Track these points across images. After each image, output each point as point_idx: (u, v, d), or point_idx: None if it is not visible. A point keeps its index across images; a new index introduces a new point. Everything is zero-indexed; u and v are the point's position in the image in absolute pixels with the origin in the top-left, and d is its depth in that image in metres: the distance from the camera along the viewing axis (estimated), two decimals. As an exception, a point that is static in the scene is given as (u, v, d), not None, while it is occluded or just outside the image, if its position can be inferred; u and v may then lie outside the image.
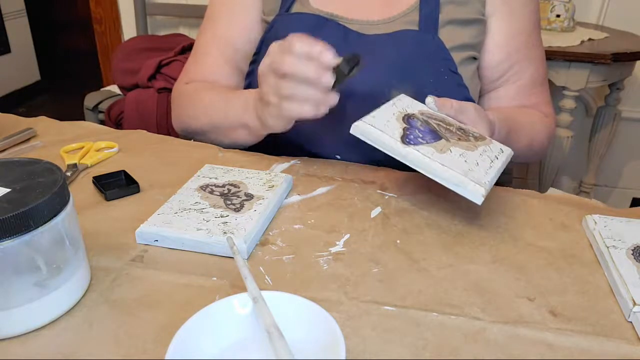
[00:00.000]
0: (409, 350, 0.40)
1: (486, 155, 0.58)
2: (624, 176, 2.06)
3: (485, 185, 0.52)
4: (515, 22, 0.76)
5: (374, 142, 0.56)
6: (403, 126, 0.58)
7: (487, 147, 0.60)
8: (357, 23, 0.75)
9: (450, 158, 0.55)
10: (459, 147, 0.57)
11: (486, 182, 0.53)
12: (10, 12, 3.12)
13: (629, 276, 0.47)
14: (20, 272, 0.39)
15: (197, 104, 0.78)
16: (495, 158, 0.58)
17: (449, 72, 0.72)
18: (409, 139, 0.56)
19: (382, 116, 0.59)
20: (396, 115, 0.60)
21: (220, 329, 0.38)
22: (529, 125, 0.77)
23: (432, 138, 0.57)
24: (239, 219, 0.53)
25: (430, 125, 0.60)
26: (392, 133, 0.56)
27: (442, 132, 0.59)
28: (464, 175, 0.53)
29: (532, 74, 0.78)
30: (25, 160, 0.45)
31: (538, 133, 0.78)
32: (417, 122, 0.59)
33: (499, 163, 0.58)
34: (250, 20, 0.81)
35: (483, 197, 0.52)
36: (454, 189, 0.53)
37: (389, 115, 0.59)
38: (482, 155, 0.57)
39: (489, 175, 0.55)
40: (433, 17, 0.73)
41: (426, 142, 0.56)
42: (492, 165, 0.56)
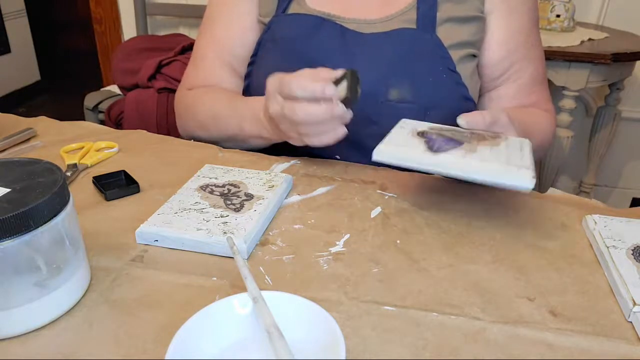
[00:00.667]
0: (409, 350, 0.40)
1: (512, 147, 0.56)
2: (624, 176, 2.06)
3: (530, 167, 0.50)
4: (514, 20, 0.76)
5: (402, 160, 0.54)
6: (422, 140, 0.57)
7: (509, 141, 0.58)
8: (355, 22, 0.75)
9: (482, 155, 0.53)
10: (484, 146, 0.56)
11: (528, 165, 0.51)
12: (10, 12, 3.12)
13: (629, 276, 0.47)
14: (20, 272, 0.39)
15: (203, 114, 0.78)
16: (521, 147, 0.57)
17: (448, 71, 0.72)
18: (436, 148, 0.54)
19: (397, 137, 0.58)
20: (410, 133, 0.59)
21: (220, 329, 0.38)
22: (538, 126, 0.77)
23: (455, 144, 0.56)
24: (239, 219, 0.53)
25: (445, 135, 0.58)
26: (416, 147, 0.55)
27: (461, 138, 0.58)
28: (507, 164, 0.50)
29: (532, 73, 0.78)
30: (25, 160, 0.45)
31: (546, 133, 0.78)
32: (432, 135, 0.59)
33: (527, 150, 0.56)
34: (247, 22, 0.81)
35: (533, 179, 0.49)
36: (499, 183, 0.50)
37: (404, 136, 0.58)
38: (508, 148, 0.56)
39: (526, 159, 0.52)
40: (430, 15, 0.73)
41: (452, 147, 0.54)
42: (523, 153, 0.55)
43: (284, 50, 0.75)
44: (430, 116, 0.72)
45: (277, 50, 0.76)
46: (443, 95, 0.72)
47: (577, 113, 1.73)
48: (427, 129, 0.61)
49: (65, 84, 3.62)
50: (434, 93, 0.72)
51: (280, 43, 0.76)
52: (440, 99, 0.72)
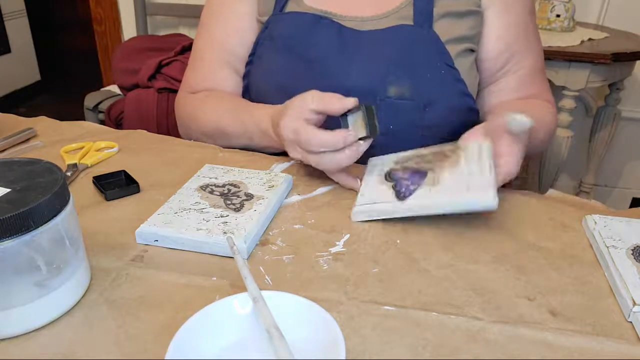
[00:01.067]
0: (409, 350, 0.40)
1: (471, 161, 0.58)
2: (624, 176, 2.06)
3: (490, 185, 0.53)
4: (512, 12, 0.76)
5: (378, 216, 0.57)
6: (390, 184, 0.59)
7: (467, 152, 0.60)
8: (352, 20, 0.75)
9: (445, 185, 0.56)
10: (446, 171, 0.58)
11: (488, 183, 0.53)
12: (10, 12, 3.12)
13: (629, 276, 0.47)
14: (20, 272, 0.39)
15: (208, 126, 0.78)
16: (479, 156, 0.58)
17: (446, 67, 0.72)
18: (403, 193, 0.57)
19: (369, 190, 0.60)
20: (379, 179, 0.61)
21: (220, 329, 0.38)
22: (541, 118, 0.77)
23: (420, 178, 0.58)
24: (239, 219, 0.53)
25: (410, 168, 0.61)
26: (386, 198, 0.57)
27: (424, 167, 0.60)
28: (468, 191, 0.53)
29: (531, 64, 0.78)
30: (25, 160, 0.45)
31: (549, 124, 0.78)
32: (398, 173, 0.61)
33: (486, 158, 0.57)
34: (245, 22, 0.81)
35: (495, 199, 0.52)
36: (470, 210, 0.54)
37: (373, 184, 0.61)
38: (469, 164, 0.57)
39: (486, 175, 0.55)
40: (427, 11, 0.73)
41: (418, 186, 0.57)
42: (482, 165, 0.56)
43: (282, 49, 0.75)
44: (428, 112, 0.72)
45: (275, 49, 0.76)
46: (441, 91, 0.72)
47: (577, 113, 1.73)
48: (393, 165, 0.63)
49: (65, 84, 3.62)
50: (433, 89, 0.72)
51: (278, 42, 0.76)
52: (438, 95, 0.72)
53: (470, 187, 0.54)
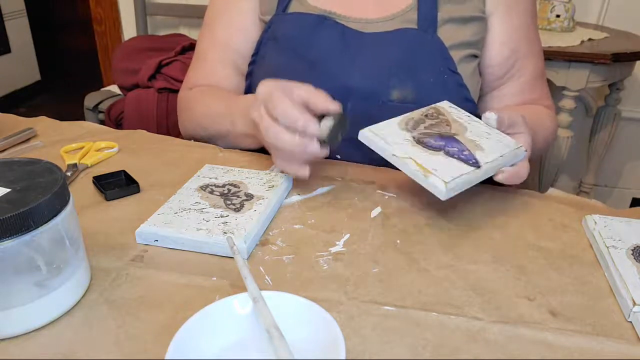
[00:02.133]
0: (409, 350, 0.40)
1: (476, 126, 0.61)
2: (624, 176, 2.06)
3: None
4: (515, 18, 0.76)
5: (463, 188, 0.54)
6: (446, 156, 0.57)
7: (458, 117, 0.63)
8: (356, 21, 0.75)
9: (488, 147, 0.58)
10: (467, 133, 0.60)
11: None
12: (10, 12, 3.12)
13: (629, 276, 0.47)
14: (20, 272, 0.39)
15: (200, 113, 0.78)
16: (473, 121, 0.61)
17: (449, 72, 0.72)
18: (469, 159, 0.56)
19: (435, 164, 0.56)
20: (428, 151, 0.57)
21: (220, 329, 0.38)
22: (542, 123, 0.77)
23: (457, 142, 0.58)
24: (239, 219, 0.53)
25: (435, 135, 0.59)
26: (462, 169, 0.55)
27: (445, 132, 0.60)
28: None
29: (533, 69, 0.79)
30: (25, 160, 0.45)
31: (549, 129, 0.78)
32: (430, 141, 0.58)
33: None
34: (248, 21, 0.81)
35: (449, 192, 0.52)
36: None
37: (429, 157, 0.57)
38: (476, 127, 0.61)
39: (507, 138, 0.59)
40: (431, 15, 0.73)
41: (468, 150, 0.57)
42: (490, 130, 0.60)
43: (284, 49, 0.75)
44: None
45: (277, 49, 0.76)
46: (444, 96, 0.72)
47: (577, 113, 1.73)
48: (408, 136, 0.59)
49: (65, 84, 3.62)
50: (435, 94, 0.72)
51: (281, 42, 0.76)
52: (440, 100, 0.72)
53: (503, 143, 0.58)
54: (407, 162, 0.54)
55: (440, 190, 0.52)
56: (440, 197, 0.52)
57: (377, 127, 0.59)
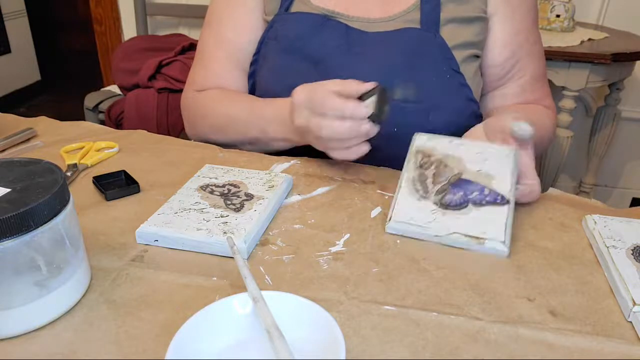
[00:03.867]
0: (409, 350, 0.40)
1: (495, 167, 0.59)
2: (624, 176, 2.06)
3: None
4: (517, 20, 0.76)
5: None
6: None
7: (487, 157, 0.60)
8: (359, 21, 0.75)
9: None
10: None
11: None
12: (10, 12, 3.12)
13: (629, 276, 0.47)
14: (20, 272, 0.39)
15: (220, 118, 0.78)
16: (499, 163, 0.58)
17: (452, 71, 0.72)
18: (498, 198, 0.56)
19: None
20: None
21: (220, 329, 0.38)
22: (541, 122, 0.77)
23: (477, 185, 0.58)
24: (239, 219, 0.53)
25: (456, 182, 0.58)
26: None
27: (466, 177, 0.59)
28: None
29: (534, 70, 0.79)
30: (25, 160, 0.45)
31: (548, 129, 0.79)
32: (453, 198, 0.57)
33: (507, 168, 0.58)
34: (253, 20, 0.80)
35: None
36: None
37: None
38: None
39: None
40: (434, 15, 0.73)
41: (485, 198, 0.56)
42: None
43: (287, 48, 0.75)
44: (433, 116, 0.72)
45: (279, 48, 0.76)
46: (447, 96, 0.72)
47: (577, 113, 1.73)
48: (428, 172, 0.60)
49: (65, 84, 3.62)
50: (438, 94, 0.72)
51: (284, 41, 0.76)
52: (444, 100, 0.72)
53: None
54: (454, 238, 0.53)
55: (503, 251, 0.52)
56: (503, 255, 0.52)
57: (397, 213, 0.56)
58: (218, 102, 0.79)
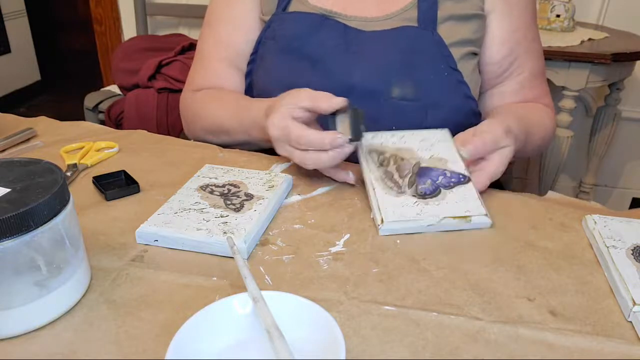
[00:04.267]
0: (409, 350, 0.40)
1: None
2: (624, 176, 2.06)
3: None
4: (515, 17, 0.76)
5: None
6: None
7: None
8: (356, 20, 0.75)
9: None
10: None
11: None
12: (10, 12, 3.12)
13: (629, 276, 0.47)
14: (20, 272, 0.39)
15: (211, 122, 0.78)
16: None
17: (449, 69, 0.72)
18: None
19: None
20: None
21: (220, 329, 0.38)
22: (540, 121, 0.77)
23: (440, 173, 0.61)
24: (239, 219, 0.53)
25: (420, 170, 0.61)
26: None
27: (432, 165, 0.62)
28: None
29: (532, 67, 0.79)
30: (25, 160, 0.45)
31: (547, 127, 0.79)
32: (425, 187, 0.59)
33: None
34: (250, 21, 0.81)
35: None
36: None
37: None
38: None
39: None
40: (431, 13, 0.73)
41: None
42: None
43: (284, 48, 0.75)
44: (432, 114, 0.72)
45: (277, 48, 0.76)
46: (445, 94, 0.72)
47: (577, 113, 1.73)
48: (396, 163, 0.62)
49: (65, 84, 3.62)
50: (436, 91, 0.72)
51: (281, 41, 0.76)
52: (441, 98, 0.72)
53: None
54: (445, 222, 0.55)
55: (487, 223, 0.56)
56: (487, 226, 0.56)
57: (386, 214, 0.55)
58: (208, 103, 0.80)
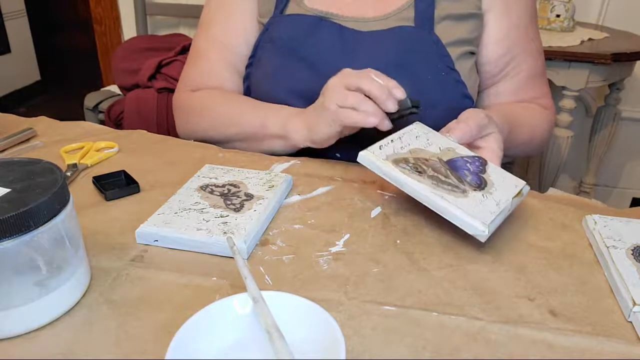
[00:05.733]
0: (409, 350, 0.40)
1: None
2: (624, 176, 2.06)
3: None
4: (513, 16, 0.76)
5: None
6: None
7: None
8: (353, 21, 0.75)
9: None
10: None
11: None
12: (10, 12, 3.12)
13: (629, 276, 0.47)
14: (20, 272, 0.39)
15: (220, 114, 0.77)
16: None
17: (447, 69, 0.72)
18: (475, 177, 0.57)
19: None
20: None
21: (220, 329, 0.38)
22: (530, 120, 0.77)
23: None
24: (239, 219, 0.53)
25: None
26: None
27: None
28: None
29: (529, 67, 0.79)
30: (25, 160, 0.45)
31: (538, 127, 0.78)
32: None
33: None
34: (246, 23, 0.80)
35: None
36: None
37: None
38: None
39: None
40: (428, 13, 0.73)
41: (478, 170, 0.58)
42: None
43: (282, 50, 0.75)
44: (429, 114, 0.72)
45: (275, 51, 0.76)
46: (442, 93, 0.72)
47: (577, 113, 1.72)
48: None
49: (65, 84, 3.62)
50: (434, 91, 0.72)
51: (279, 44, 0.76)
52: (439, 97, 0.72)
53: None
54: (515, 202, 0.56)
55: (528, 188, 0.59)
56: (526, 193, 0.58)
57: (483, 218, 0.51)
58: (221, 99, 0.79)
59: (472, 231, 0.50)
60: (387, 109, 0.60)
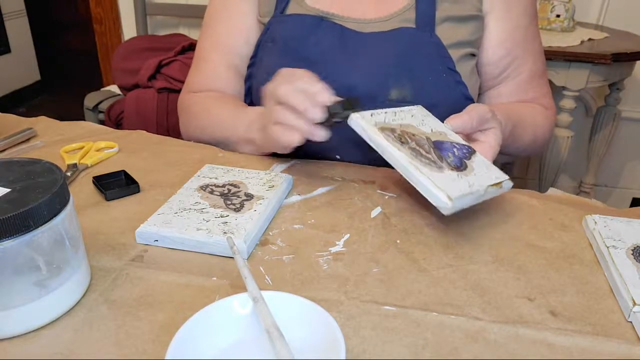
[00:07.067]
0: (409, 350, 0.40)
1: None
2: (624, 176, 2.06)
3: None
4: (513, 18, 0.76)
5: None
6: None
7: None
8: (354, 21, 0.75)
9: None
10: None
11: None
12: (10, 12, 3.12)
13: (629, 276, 0.47)
14: (20, 272, 0.39)
15: (207, 117, 0.78)
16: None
17: (447, 70, 0.72)
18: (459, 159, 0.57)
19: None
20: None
21: (220, 329, 0.38)
22: (532, 120, 0.77)
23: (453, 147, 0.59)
24: (239, 219, 0.53)
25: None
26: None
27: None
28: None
29: (530, 68, 0.79)
30: (25, 160, 0.45)
31: (540, 127, 0.78)
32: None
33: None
34: (248, 23, 0.81)
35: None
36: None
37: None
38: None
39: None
40: (429, 14, 0.73)
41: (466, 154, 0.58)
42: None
43: (283, 50, 0.75)
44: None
45: (276, 51, 0.76)
46: (443, 95, 0.72)
47: (577, 113, 1.73)
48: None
49: (65, 84, 3.62)
50: (434, 92, 0.72)
51: (280, 43, 0.76)
52: (440, 99, 0.72)
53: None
54: (491, 191, 0.54)
55: (510, 185, 0.57)
56: (509, 187, 0.57)
57: (450, 191, 0.50)
58: (208, 103, 0.80)
59: (436, 202, 0.50)
60: (313, 119, 0.57)
